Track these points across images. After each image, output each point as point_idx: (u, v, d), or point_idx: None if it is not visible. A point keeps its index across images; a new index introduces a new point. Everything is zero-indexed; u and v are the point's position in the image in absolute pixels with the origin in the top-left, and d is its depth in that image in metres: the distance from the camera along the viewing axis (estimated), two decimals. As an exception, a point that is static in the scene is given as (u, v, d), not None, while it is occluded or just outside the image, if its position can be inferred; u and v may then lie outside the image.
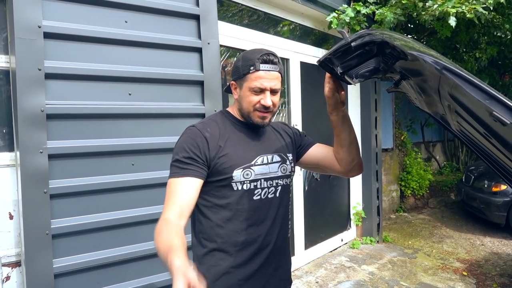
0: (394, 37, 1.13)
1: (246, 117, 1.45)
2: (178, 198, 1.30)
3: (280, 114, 3.81)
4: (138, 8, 2.26)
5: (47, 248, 1.93)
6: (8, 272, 2.00)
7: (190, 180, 1.33)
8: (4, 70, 2.03)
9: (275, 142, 1.55)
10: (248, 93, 1.40)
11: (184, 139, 1.39)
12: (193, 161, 1.34)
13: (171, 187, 1.33)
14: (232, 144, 1.41)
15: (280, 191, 1.48)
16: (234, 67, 1.45)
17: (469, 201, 5.81)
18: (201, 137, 1.36)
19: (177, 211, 1.28)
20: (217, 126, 1.43)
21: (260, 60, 1.37)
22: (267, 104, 1.39)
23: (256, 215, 1.41)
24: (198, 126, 1.42)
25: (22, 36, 1.87)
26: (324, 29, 4.32)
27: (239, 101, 1.45)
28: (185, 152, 1.34)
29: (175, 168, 1.35)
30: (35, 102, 1.91)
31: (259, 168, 1.43)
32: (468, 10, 3.58)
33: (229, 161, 1.37)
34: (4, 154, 2.01)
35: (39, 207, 1.91)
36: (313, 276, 3.85)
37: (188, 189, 1.32)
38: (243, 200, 1.39)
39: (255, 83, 1.37)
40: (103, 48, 2.15)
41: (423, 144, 8.43)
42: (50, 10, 1.98)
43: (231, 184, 1.37)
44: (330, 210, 4.61)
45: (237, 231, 1.39)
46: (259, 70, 1.37)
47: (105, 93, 2.14)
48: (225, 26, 3.09)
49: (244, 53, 1.45)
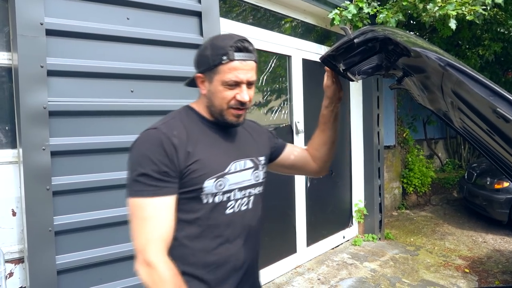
0: (397, 33, 1.13)
1: (217, 116, 1.23)
2: (160, 228, 1.10)
3: (282, 112, 3.81)
4: (140, 5, 2.26)
5: (50, 244, 1.94)
6: (11, 268, 2.01)
7: (168, 201, 1.12)
8: (7, 67, 2.03)
9: (247, 145, 1.35)
10: (220, 87, 1.18)
11: (147, 146, 1.13)
12: (166, 175, 1.11)
13: (146, 211, 1.10)
14: (202, 149, 1.19)
15: (253, 202, 1.31)
16: (200, 57, 1.23)
17: (471, 198, 5.80)
18: (168, 143, 1.12)
19: (163, 247, 1.10)
20: (184, 127, 1.20)
21: (233, 48, 1.16)
22: (244, 99, 1.19)
23: (229, 231, 1.22)
24: (162, 128, 1.16)
25: (24, 33, 1.87)
26: (326, 26, 4.31)
27: (209, 97, 1.23)
28: (153, 164, 1.10)
29: (142, 185, 1.10)
30: (37, 99, 1.91)
31: (233, 177, 1.23)
32: (468, 11, 3.58)
33: (200, 170, 1.16)
34: (6, 151, 2.01)
35: (42, 203, 1.92)
36: (315, 273, 3.85)
37: (168, 214, 1.12)
38: (214, 214, 1.19)
39: (229, 75, 1.16)
40: (105, 45, 2.15)
41: (425, 141, 8.42)
42: (52, 7, 1.98)
43: (200, 196, 1.17)
44: (332, 207, 4.61)
45: (207, 250, 1.19)
46: (234, 60, 1.16)
47: (107, 90, 2.15)
48: (227, 23, 3.08)
49: (213, 40, 1.22)
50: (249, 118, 1.45)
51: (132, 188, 1.13)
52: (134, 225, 1.11)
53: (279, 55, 3.73)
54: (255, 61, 1.22)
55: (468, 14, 3.59)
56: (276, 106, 3.75)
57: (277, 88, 3.79)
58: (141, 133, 1.19)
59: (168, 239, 1.12)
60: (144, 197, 1.10)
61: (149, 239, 1.09)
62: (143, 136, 1.17)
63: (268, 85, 3.64)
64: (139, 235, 1.10)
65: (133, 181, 1.12)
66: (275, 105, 3.74)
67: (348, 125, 4.86)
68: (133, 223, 1.12)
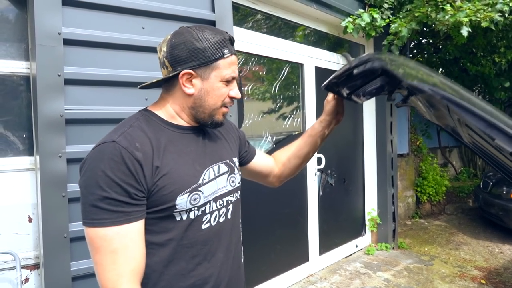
0: (395, 62, 1.12)
1: (204, 117, 1.10)
2: (132, 260, 0.95)
3: (294, 119, 3.80)
4: (155, 15, 2.29)
5: (65, 251, 1.96)
6: (27, 274, 2.03)
7: (138, 226, 0.96)
8: (25, 76, 2.07)
9: (218, 146, 1.20)
10: (219, 84, 1.07)
11: (106, 164, 0.93)
12: (133, 198, 0.95)
13: (114, 243, 0.92)
14: (170, 160, 1.02)
15: (231, 211, 1.16)
16: (191, 51, 1.03)
17: (487, 207, 5.70)
18: (131, 159, 0.95)
19: (137, 281, 0.96)
20: (146, 136, 1.02)
21: (230, 41, 1.07)
22: (239, 95, 1.12)
23: (206, 248, 1.07)
24: (121, 141, 0.97)
25: (43, 43, 1.91)
26: (339, 34, 4.31)
27: (199, 97, 1.07)
28: (117, 186, 0.93)
29: (105, 212, 0.92)
30: (54, 107, 1.94)
31: (208, 187, 1.08)
32: (483, 17, 3.55)
33: (170, 185, 1.00)
34: (24, 158, 2.05)
35: (58, 210, 1.94)
36: (327, 282, 3.82)
37: (140, 241, 0.97)
38: (189, 232, 1.04)
39: (228, 71, 1.06)
40: (121, 54, 2.18)
41: (440, 150, 8.32)
42: (69, 17, 2.02)
43: (173, 214, 1.01)
44: (344, 216, 4.58)
45: (183, 273, 1.04)
46: (233, 54, 1.08)
47: (122, 98, 2.17)
48: (240, 31, 3.11)
49: (201, 32, 1.05)
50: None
51: (91, 216, 0.93)
52: (100, 259, 0.93)
53: (292, 63, 3.74)
54: None
55: (484, 20, 3.55)
56: (289, 114, 3.76)
57: (289, 95, 3.79)
58: (95, 148, 0.98)
59: (141, 271, 0.97)
60: (110, 226, 0.92)
61: (121, 275, 0.93)
62: (99, 152, 0.96)
63: (280, 92, 3.64)
64: (108, 271, 0.93)
65: (92, 207, 0.93)
66: (287, 112, 3.74)
67: (361, 133, 4.83)
68: (98, 257, 0.94)
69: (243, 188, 1.29)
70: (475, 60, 6.49)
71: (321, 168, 4.09)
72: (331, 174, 4.28)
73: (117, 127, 1.05)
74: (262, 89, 3.49)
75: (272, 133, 3.53)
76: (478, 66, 6.41)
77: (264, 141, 3.45)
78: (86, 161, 0.98)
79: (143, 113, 1.11)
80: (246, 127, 3.23)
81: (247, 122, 3.26)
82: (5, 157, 2.01)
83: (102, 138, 1.01)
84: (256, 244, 3.31)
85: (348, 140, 4.63)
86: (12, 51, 2.05)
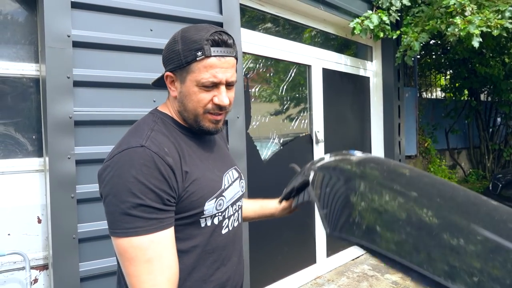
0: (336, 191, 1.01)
1: (191, 122, 1.05)
2: (168, 269, 0.91)
3: (301, 121, 3.80)
4: (163, 17, 2.30)
5: (74, 251, 1.97)
6: (36, 274, 2.05)
7: (170, 233, 0.94)
8: (35, 78, 2.09)
9: (225, 152, 1.21)
10: (195, 89, 0.99)
11: (138, 169, 0.90)
12: (167, 204, 0.93)
13: (149, 252, 0.89)
14: (195, 165, 1.01)
15: (240, 215, 1.19)
16: (170, 52, 1.02)
17: (496, 210, 5.64)
18: (163, 165, 0.92)
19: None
20: (170, 141, 1.00)
21: (210, 42, 0.97)
22: (223, 103, 1.01)
23: (224, 253, 1.07)
24: (151, 146, 0.94)
25: (52, 45, 1.93)
26: (347, 35, 4.30)
27: (181, 100, 1.03)
28: (151, 192, 0.89)
29: (140, 220, 0.89)
30: (63, 109, 1.96)
31: (229, 192, 1.08)
32: (494, 25, 3.52)
33: (199, 191, 0.98)
34: (33, 159, 2.06)
35: (67, 211, 1.96)
36: (335, 285, 3.80)
37: (173, 249, 0.94)
38: (212, 238, 1.03)
39: (205, 75, 0.97)
40: (129, 56, 2.19)
41: (448, 151, 8.26)
42: (78, 20, 2.03)
43: (199, 220, 1.00)
44: (352, 218, 4.55)
45: (204, 279, 1.02)
46: (211, 56, 0.97)
47: (131, 100, 2.19)
48: (248, 33, 3.11)
49: (184, 32, 1.01)
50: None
51: (123, 225, 0.89)
52: (134, 271, 0.89)
53: (299, 65, 3.74)
54: (235, 58, 1.03)
55: (494, 28, 3.53)
56: (296, 115, 3.75)
57: (297, 97, 3.79)
58: (122, 152, 0.93)
59: (176, 280, 0.94)
60: (145, 234, 0.89)
61: (157, 285, 0.89)
62: (128, 157, 0.92)
63: (288, 94, 3.64)
64: (143, 283, 0.89)
65: (124, 216, 0.89)
66: (294, 114, 3.74)
67: (369, 134, 4.81)
68: (132, 269, 0.90)
69: (251, 190, 1.29)
70: (484, 61, 6.44)
71: (329, 170, 4.07)
72: (338, 176, 4.26)
73: (135, 130, 1.02)
74: (269, 91, 3.49)
75: (279, 134, 3.52)
76: (487, 67, 6.35)
77: (271, 142, 3.45)
78: (111, 168, 0.93)
79: (157, 115, 1.07)
80: (253, 128, 3.24)
81: (254, 123, 3.26)
82: (15, 158, 2.03)
83: (124, 143, 0.96)
84: (263, 246, 3.31)
85: (355, 141, 4.61)
86: (22, 53, 2.07)
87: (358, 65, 4.60)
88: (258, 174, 3.18)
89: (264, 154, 3.36)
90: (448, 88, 8.27)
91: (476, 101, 8.02)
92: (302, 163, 1.45)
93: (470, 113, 8.15)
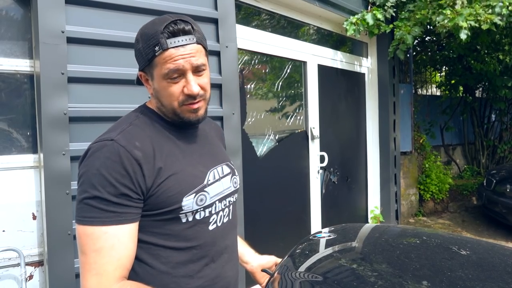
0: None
1: (172, 116, 1.04)
2: (117, 262, 0.91)
3: (297, 117, 3.81)
4: (158, 13, 2.29)
5: (69, 248, 1.97)
6: (31, 271, 2.05)
7: (128, 229, 0.93)
8: (29, 74, 2.08)
9: (216, 148, 1.20)
10: (164, 83, 0.99)
11: (102, 162, 0.92)
12: (127, 199, 0.92)
13: (99, 242, 0.90)
14: (173, 160, 1.00)
15: (232, 211, 1.17)
16: (136, 52, 1.03)
17: (490, 205, 5.69)
18: (129, 159, 0.92)
19: (118, 283, 0.92)
20: (146, 135, 1.00)
21: (166, 35, 0.96)
22: (193, 91, 0.99)
23: (214, 250, 1.06)
24: (120, 139, 0.95)
25: (46, 41, 1.92)
26: (342, 31, 4.31)
27: (156, 97, 1.03)
28: (110, 186, 0.90)
29: (95, 211, 0.90)
30: (58, 105, 1.95)
31: (213, 188, 1.07)
32: (484, 19, 3.54)
33: (175, 187, 0.98)
34: (28, 156, 2.06)
35: (62, 208, 1.95)
36: (330, 280, 3.81)
37: (128, 244, 0.93)
38: (197, 234, 1.03)
39: (167, 66, 0.96)
40: (124, 52, 2.18)
41: (443, 148, 8.29)
42: (73, 16, 2.02)
43: (178, 216, 0.99)
44: (347, 214, 4.58)
45: (191, 275, 1.02)
46: (168, 48, 0.96)
47: (125, 96, 2.18)
48: (243, 29, 3.11)
49: (143, 29, 1.02)
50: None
51: (81, 213, 0.92)
52: (82, 257, 0.91)
53: (294, 61, 3.74)
54: (198, 43, 1.00)
55: (484, 22, 3.55)
56: (291, 112, 3.76)
57: (292, 93, 3.79)
58: (93, 145, 0.96)
59: (125, 273, 0.94)
60: (99, 225, 0.90)
61: (101, 274, 0.90)
62: (96, 149, 0.94)
63: (283, 90, 3.64)
64: (89, 271, 0.90)
65: (83, 205, 0.92)
66: (290, 111, 3.74)
67: (364, 130, 4.83)
68: (82, 258, 0.91)
69: (246, 186, 1.29)
70: (479, 57, 6.46)
71: (324, 166, 4.09)
72: (334, 172, 4.28)
73: (116, 124, 1.04)
74: (265, 87, 3.49)
75: (275, 131, 3.53)
76: (482, 64, 6.37)
77: (267, 139, 3.45)
78: (84, 157, 0.96)
79: (142, 109, 1.08)
80: (248, 125, 3.24)
81: (249, 120, 3.26)
82: (9, 154, 2.02)
83: (100, 136, 0.99)
84: (259, 242, 3.32)
85: (351, 138, 4.63)
86: (16, 49, 2.06)
87: (354, 62, 4.60)
88: (254, 170, 3.18)
89: (260, 150, 3.36)
90: (443, 84, 8.30)
91: (471, 97, 8.05)
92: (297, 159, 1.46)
93: (465, 110, 8.19)
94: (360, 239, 1.50)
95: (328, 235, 1.56)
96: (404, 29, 3.91)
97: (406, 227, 1.31)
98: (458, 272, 1.05)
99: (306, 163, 3.87)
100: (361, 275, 1.16)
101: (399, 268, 1.15)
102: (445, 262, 1.11)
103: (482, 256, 1.21)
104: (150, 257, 0.99)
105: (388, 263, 1.20)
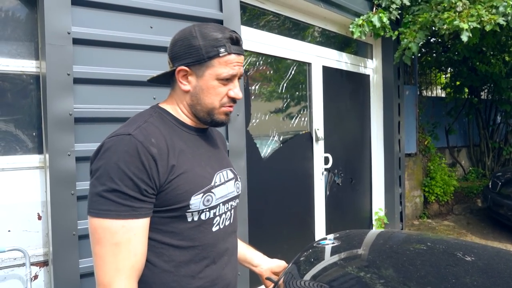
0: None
1: (203, 115, 1.10)
2: (133, 257, 0.94)
3: (301, 119, 3.80)
4: (163, 14, 2.30)
5: (74, 248, 1.97)
6: (36, 271, 2.06)
7: (143, 223, 0.96)
8: (35, 75, 2.09)
9: (221, 153, 1.24)
10: (214, 83, 1.05)
11: (120, 156, 0.94)
12: (143, 194, 0.94)
13: (117, 236, 0.92)
14: (185, 159, 1.04)
15: (233, 216, 1.20)
16: (187, 47, 1.05)
17: (496, 208, 5.65)
18: (146, 155, 0.95)
19: (135, 279, 0.96)
20: (160, 133, 1.03)
21: (230, 40, 1.05)
22: (239, 95, 1.09)
23: (215, 251, 1.09)
24: (137, 135, 0.97)
25: (53, 42, 1.93)
26: (347, 33, 4.30)
27: (195, 94, 1.08)
28: (128, 180, 0.92)
29: (113, 204, 0.92)
30: (64, 106, 1.96)
31: (219, 190, 1.10)
32: (488, 20, 3.52)
33: (185, 185, 1.00)
34: (33, 156, 2.07)
35: (67, 208, 1.96)
36: (334, 282, 3.80)
37: (143, 239, 0.96)
38: (201, 233, 1.05)
39: (225, 69, 1.04)
40: (129, 53, 2.19)
41: (448, 149, 8.26)
42: (78, 17, 2.03)
43: (185, 215, 1.02)
44: (351, 215, 4.57)
45: (192, 275, 1.04)
46: (232, 53, 1.05)
47: (131, 97, 2.19)
48: (248, 30, 3.11)
49: (202, 28, 1.06)
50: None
51: (97, 206, 0.93)
52: (100, 251, 0.93)
53: (299, 62, 3.74)
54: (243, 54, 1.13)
55: (488, 23, 3.53)
56: (296, 113, 3.75)
57: (296, 95, 3.79)
58: (110, 138, 0.99)
59: (140, 268, 0.97)
60: (116, 218, 0.92)
61: (119, 269, 0.92)
62: (114, 143, 0.97)
63: (288, 92, 3.64)
64: (106, 264, 0.93)
65: (99, 197, 0.93)
66: (294, 112, 3.74)
67: (369, 132, 4.81)
68: (98, 249, 0.94)
69: (250, 187, 1.30)
70: (484, 59, 6.43)
71: (328, 168, 4.08)
72: (338, 174, 4.27)
73: (130, 120, 1.07)
74: (269, 89, 3.49)
75: (279, 132, 3.53)
76: (488, 66, 6.35)
77: (271, 140, 3.45)
78: (101, 150, 0.98)
79: (156, 109, 1.12)
80: (253, 126, 3.24)
81: (254, 121, 3.26)
82: (15, 155, 2.03)
83: (117, 130, 1.02)
84: (263, 243, 3.31)
85: (355, 139, 4.62)
86: (22, 50, 2.07)
87: (358, 63, 4.59)
88: (258, 172, 3.18)
89: (264, 151, 3.36)
90: (448, 86, 8.26)
91: (477, 99, 8.02)
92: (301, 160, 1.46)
93: (470, 111, 8.15)
94: (365, 246, 1.50)
95: (332, 242, 1.56)
96: (409, 35, 3.91)
97: (411, 233, 1.31)
98: (463, 278, 1.05)
99: (310, 164, 3.86)
100: (367, 283, 1.16)
101: (404, 276, 1.16)
102: (450, 269, 1.12)
103: (487, 262, 1.21)
104: (153, 255, 1.01)
105: (393, 270, 1.20)
